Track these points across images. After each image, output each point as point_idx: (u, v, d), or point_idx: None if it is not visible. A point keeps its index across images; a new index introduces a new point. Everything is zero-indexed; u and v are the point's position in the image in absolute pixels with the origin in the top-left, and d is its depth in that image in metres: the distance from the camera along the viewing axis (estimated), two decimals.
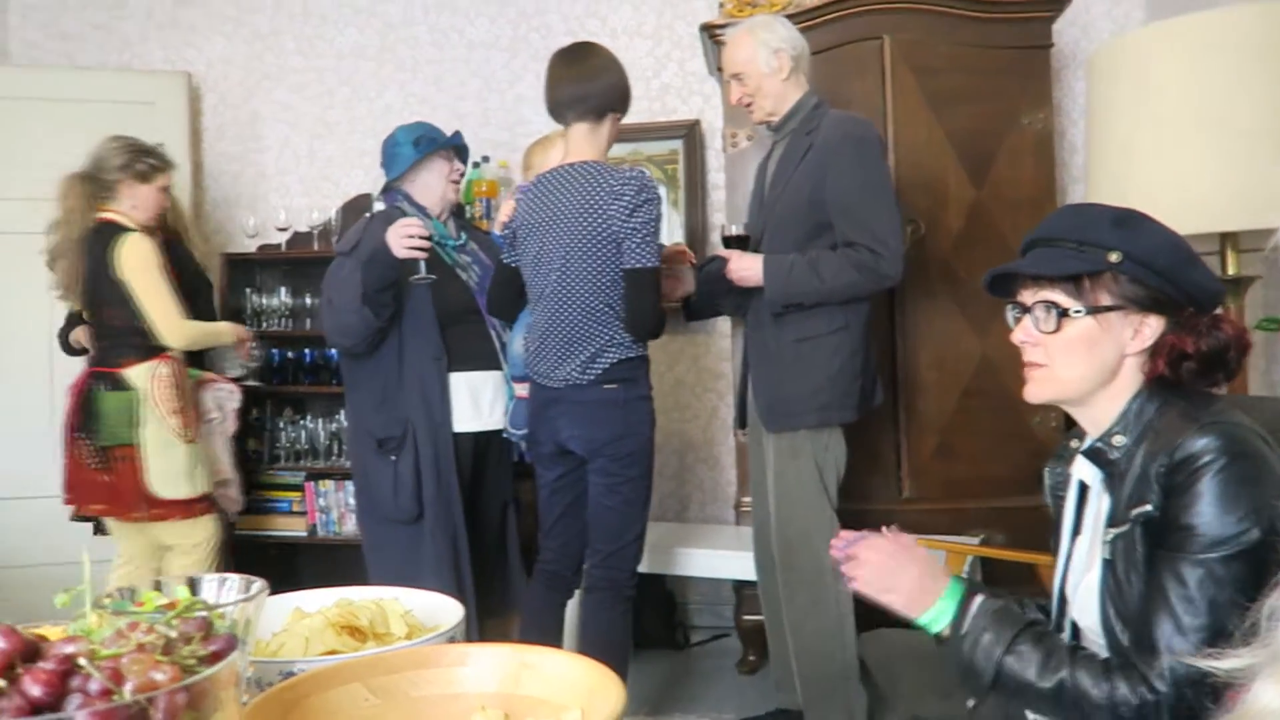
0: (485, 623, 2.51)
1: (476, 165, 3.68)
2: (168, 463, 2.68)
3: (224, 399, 2.92)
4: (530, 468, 2.53)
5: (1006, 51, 3.05)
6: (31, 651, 0.64)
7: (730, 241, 2.44)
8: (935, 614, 1.24)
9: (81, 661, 0.62)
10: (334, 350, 3.07)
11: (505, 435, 2.54)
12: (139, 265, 2.64)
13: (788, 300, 2.33)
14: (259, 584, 0.95)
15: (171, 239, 2.90)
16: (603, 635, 2.32)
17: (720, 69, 2.87)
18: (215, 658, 0.69)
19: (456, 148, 2.56)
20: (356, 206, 3.78)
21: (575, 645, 2.43)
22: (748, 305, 2.47)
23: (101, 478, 2.66)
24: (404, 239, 2.29)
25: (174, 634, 0.67)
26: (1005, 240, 2.96)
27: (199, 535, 2.78)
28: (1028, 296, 1.25)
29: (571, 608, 2.51)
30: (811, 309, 2.34)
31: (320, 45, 3.95)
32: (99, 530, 2.84)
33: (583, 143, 2.35)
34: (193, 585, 0.93)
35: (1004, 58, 3.05)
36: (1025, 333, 1.24)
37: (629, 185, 2.23)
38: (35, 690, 0.60)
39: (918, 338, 3.05)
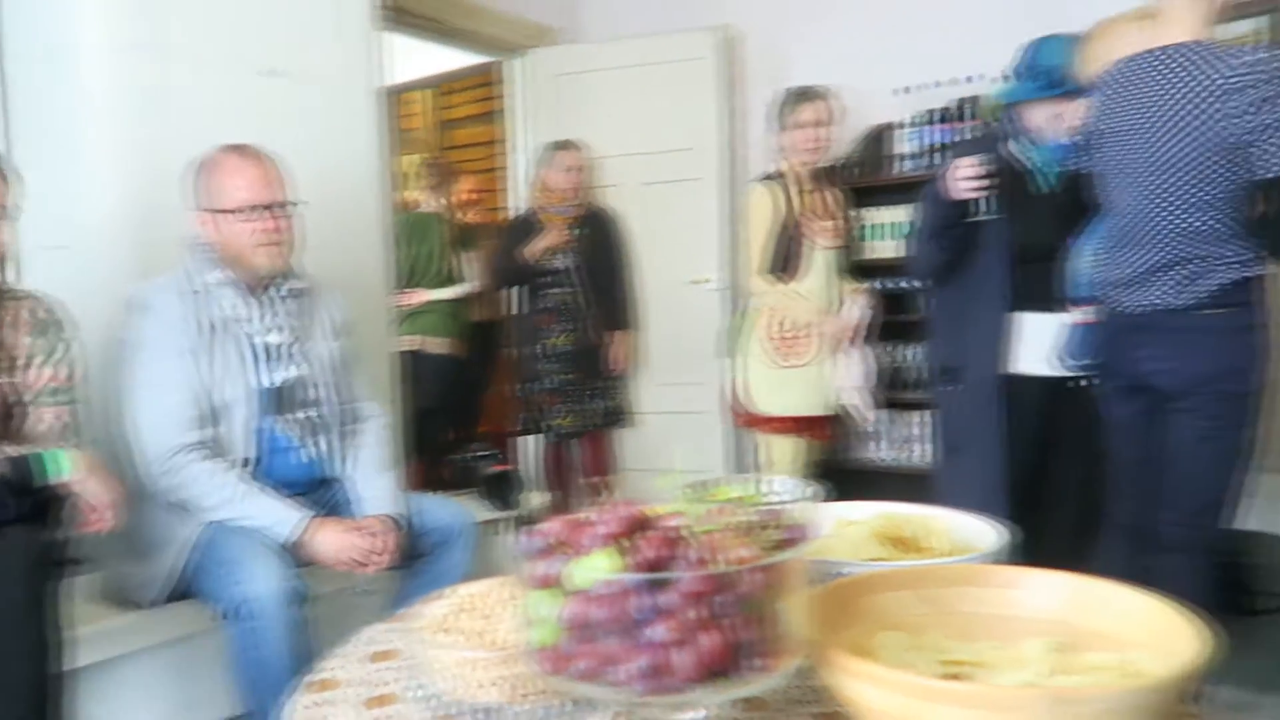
0: None
1: (1006, 79, 3.45)
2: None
3: None
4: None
5: None
6: (645, 522, 0.76)
7: None
8: None
9: (685, 534, 0.73)
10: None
11: (1061, 366, 2.33)
12: None
13: None
14: (815, 488, 1.02)
15: None
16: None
17: None
18: (788, 544, 0.76)
19: None
20: (873, 137, 3.80)
21: None
22: None
23: None
24: (960, 181, 2.20)
25: (755, 519, 0.75)
26: None
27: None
28: None
29: None
30: None
31: None
32: None
33: (1183, 13, 1.91)
34: (759, 485, 1.04)
35: None
36: None
37: (1251, 74, 1.79)
38: (651, 552, 0.72)
39: None
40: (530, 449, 4.28)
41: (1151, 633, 0.82)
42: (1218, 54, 1.84)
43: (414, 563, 2.11)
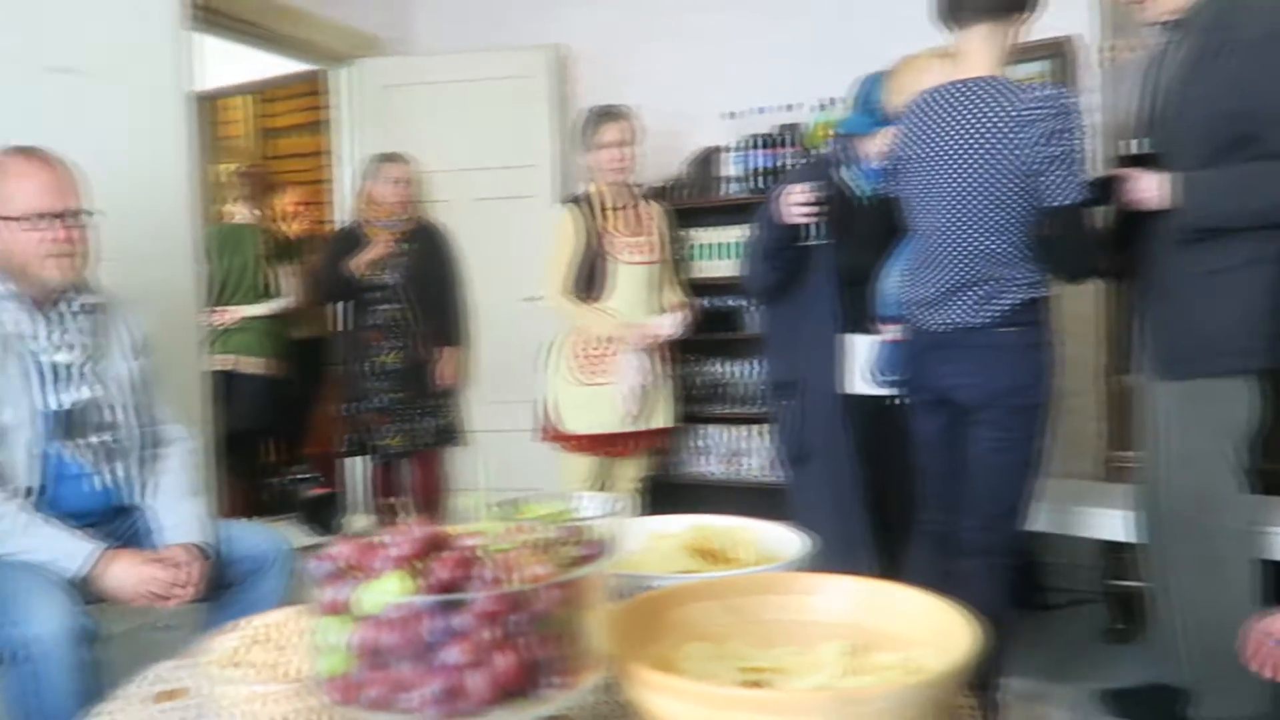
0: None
1: (824, 107, 3.63)
2: None
3: None
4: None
5: None
6: (441, 542, 0.74)
7: (1128, 162, 2.17)
8: None
9: (479, 553, 0.72)
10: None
11: (873, 382, 2.44)
12: None
13: (1206, 224, 2.02)
14: (623, 502, 1.03)
15: None
16: (977, 608, 1.99)
17: None
18: (586, 560, 0.76)
19: None
20: (702, 159, 3.91)
21: None
22: (1142, 245, 2.18)
23: None
24: (790, 206, 2.27)
25: (552, 536, 0.75)
26: None
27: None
28: None
29: None
30: (1225, 237, 2.02)
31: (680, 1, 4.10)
32: None
33: (981, 50, 2.03)
34: (568, 502, 1.04)
35: None
36: None
37: (1043, 108, 1.93)
38: (444, 573, 0.70)
39: None
40: (358, 470, 4.13)
41: (933, 631, 0.87)
42: (1013, 88, 1.99)
43: (222, 593, 2.00)
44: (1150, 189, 2.07)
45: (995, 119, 1.97)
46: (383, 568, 0.70)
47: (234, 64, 4.87)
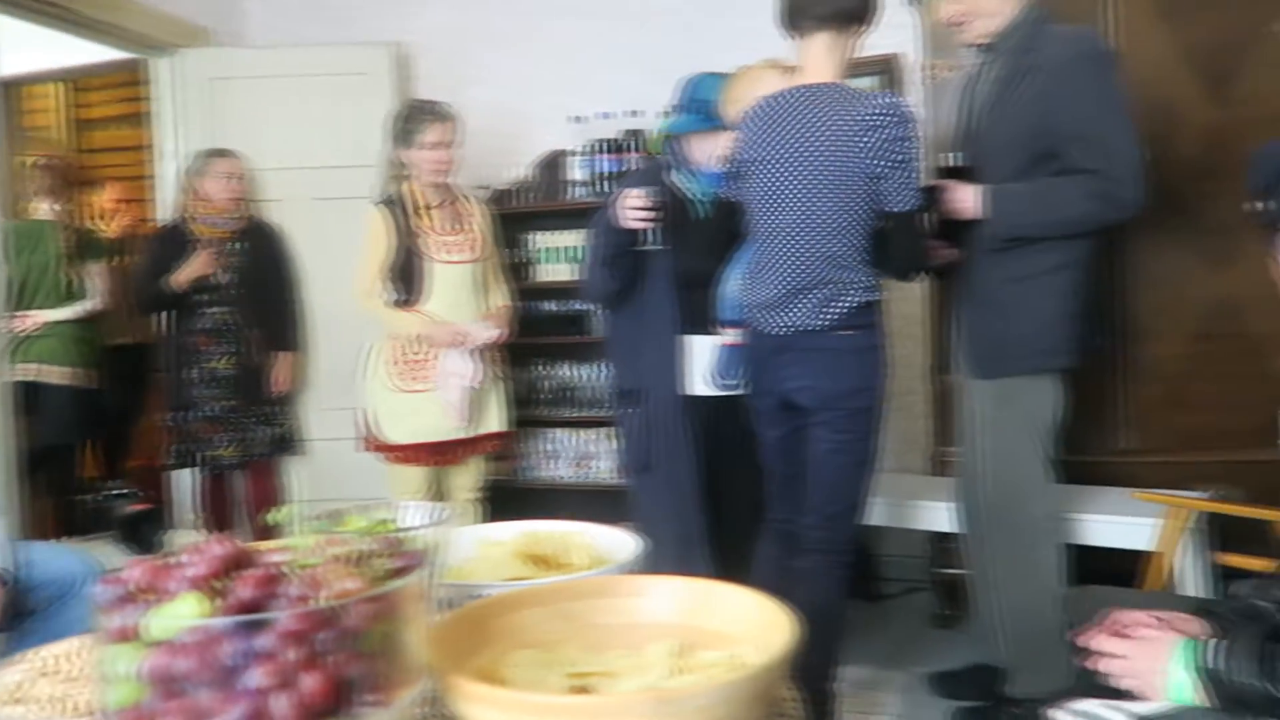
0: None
1: (668, 114, 3.67)
2: None
3: None
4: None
5: None
6: (245, 559, 0.70)
7: (947, 173, 2.29)
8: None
9: (285, 569, 0.68)
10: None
11: (713, 385, 2.47)
12: None
13: (1012, 233, 2.17)
14: (448, 511, 1.01)
15: None
16: (816, 602, 2.03)
17: None
18: (402, 572, 0.74)
19: None
20: (548, 163, 3.90)
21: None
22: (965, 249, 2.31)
23: None
24: (627, 211, 2.27)
25: (364, 549, 0.72)
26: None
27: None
28: None
29: None
30: (1031, 245, 2.17)
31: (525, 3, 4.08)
32: None
33: (822, 59, 2.10)
34: (392, 512, 1.00)
35: None
36: None
37: (886, 115, 2.00)
38: (245, 593, 0.66)
39: (1143, 276, 2.81)
40: (185, 483, 3.89)
41: (755, 627, 0.89)
42: (855, 95, 2.07)
43: (23, 622, 1.84)
44: (966, 199, 2.20)
45: (839, 122, 2.03)
46: (178, 589, 0.66)
47: (43, 49, 4.51)
